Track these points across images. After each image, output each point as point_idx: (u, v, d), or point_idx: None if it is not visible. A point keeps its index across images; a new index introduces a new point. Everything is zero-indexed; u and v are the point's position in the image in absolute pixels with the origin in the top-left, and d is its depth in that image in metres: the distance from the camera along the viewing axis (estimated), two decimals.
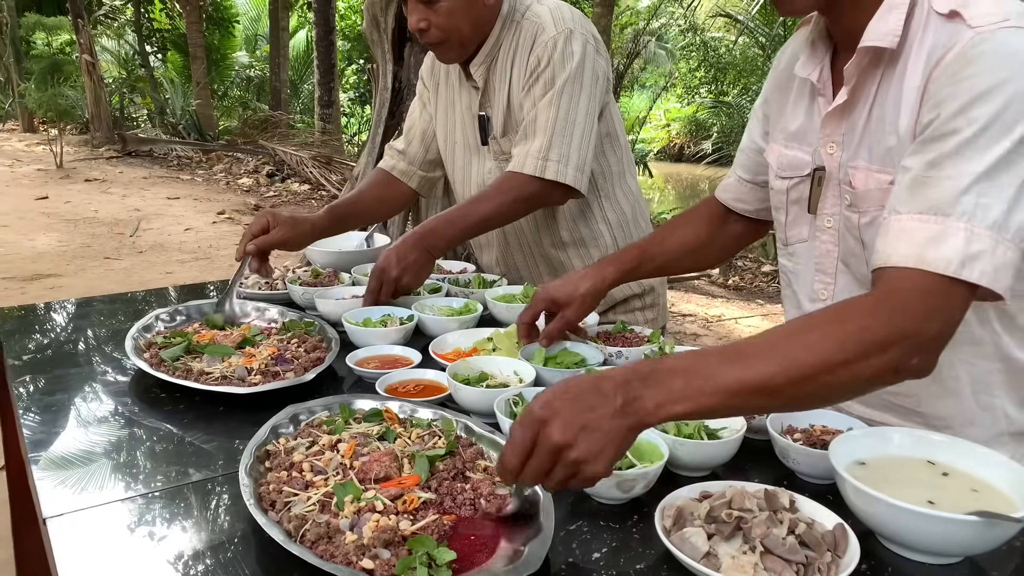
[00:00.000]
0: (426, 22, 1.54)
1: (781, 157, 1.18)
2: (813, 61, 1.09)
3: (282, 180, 9.81)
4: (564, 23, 1.57)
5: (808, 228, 1.16)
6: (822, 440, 1.04)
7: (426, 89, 1.84)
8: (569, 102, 1.54)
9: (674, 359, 0.81)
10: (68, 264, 5.69)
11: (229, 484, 1.01)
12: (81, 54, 11.90)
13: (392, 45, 4.84)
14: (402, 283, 1.52)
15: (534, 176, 1.54)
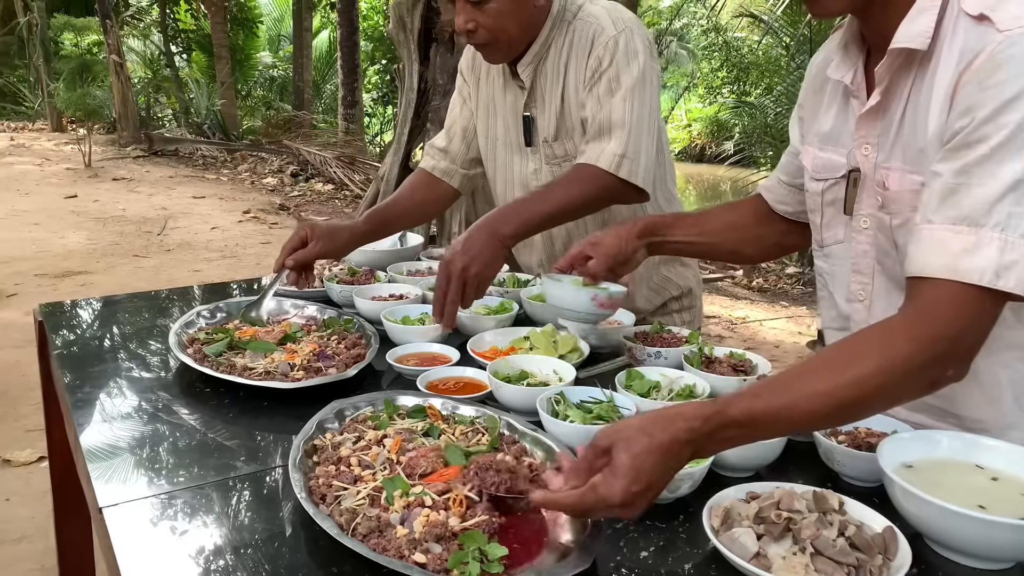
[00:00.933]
0: (474, 23, 1.53)
1: (816, 159, 1.18)
2: (846, 63, 1.10)
3: (306, 180, 9.88)
4: (624, 22, 1.56)
5: (844, 229, 1.16)
6: (867, 442, 1.04)
7: (466, 84, 1.82)
8: (640, 102, 1.53)
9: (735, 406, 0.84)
10: (98, 262, 5.77)
11: (276, 477, 1.02)
12: (109, 54, 12.05)
13: (418, 45, 4.87)
14: (471, 273, 1.39)
15: (607, 171, 1.51)
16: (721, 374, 1.24)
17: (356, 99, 11.01)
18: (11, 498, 2.69)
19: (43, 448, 2.99)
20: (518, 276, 1.77)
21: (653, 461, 0.81)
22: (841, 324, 1.20)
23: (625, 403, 1.12)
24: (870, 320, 1.13)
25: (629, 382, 1.19)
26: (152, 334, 1.56)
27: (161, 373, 1.36)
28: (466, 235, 1.42)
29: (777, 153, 8.60)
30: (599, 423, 1.07)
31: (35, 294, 4.95)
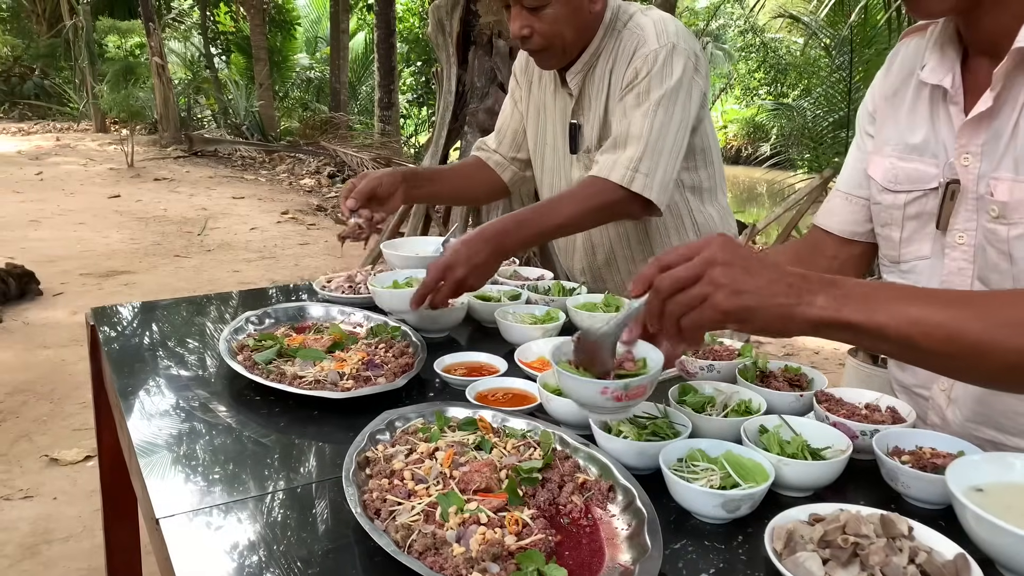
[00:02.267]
0: (529, 29, 1.52)
1: (894, 170, 1.12)
2: (943, 66, 1.04)
3: (343, 181, 9.97)
4: (668, 37, 1.54)
5: (931, 244, 1.10)
6: (932, 463, 1.00)
7: (518, 86, 1.82)
8: (664, 118, 1.51)
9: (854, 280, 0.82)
10: (140, 261, 5.87)
11: (329, 489, 1.02)
12: (152, 56, 12.28)
13: (457, 48, 4.88)
14: (466, 284, 1.43)
15: (619, 185, 1.50)
16: (777, 389, 1.21)
17: (392, 101, 11.08)
18: (58, 497, 2.74)
19: (89, 447, 3.05)
20: (563, 284, 1.75)
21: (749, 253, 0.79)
22: None
23: (679, 418, 1.10)
24: None
25: (682, 397, 1.17)
26: (201, 339, 1.58)
27: (211, 380, 1.37)
28: (472, 243, 1.41)
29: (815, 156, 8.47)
30: (653, 439, 1.05)
31: (80, 293, 5.05)
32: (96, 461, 2.95)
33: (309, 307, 1.64)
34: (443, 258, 1.39)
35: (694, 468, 0.99)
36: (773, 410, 1.14)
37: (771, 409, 1.15)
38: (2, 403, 3.47)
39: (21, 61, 17.52)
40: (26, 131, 14.52)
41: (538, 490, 0.97)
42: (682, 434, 1.06)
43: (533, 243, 1.52)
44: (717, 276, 0.80)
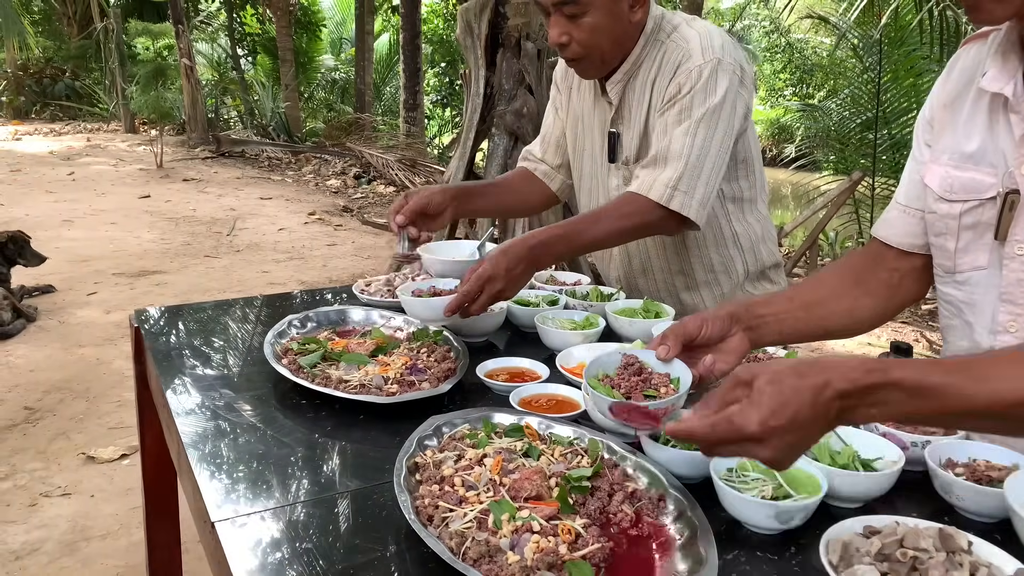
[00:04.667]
0: (567, 36, 1.52)
1: (949, 179, 1.11)
2: (1005, 74, 1.02)
3: (368, 182, 10.02)
4: (713, 52, 1.52)
5: (988, 255, 1.08)
6: (987, 476, 0.99)
7: (559, 93, 1.83)
8: (705, 135, 1.50)
9: (900, 371, 0.78)
10: (172, 261, 5.94)
11: (379, 494, 1.03)
12: (181, 58, 12.43)
13: (485, 51, 4.89)
14: (504, 296, 1.43)
15: (658, 204, 1.50)
16: None
17: (417, 102, 11.13)
18: (95, 494, 2.79)
19: (125, 445, 3.10)
20: (601, 289, 1.75)
21: (800, 401, 0.76)
22: None
23: None
24: None
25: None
26: (245, 341, 1.60)
27: (257, 382, 1.38)
28: (511, 255, 1.41)
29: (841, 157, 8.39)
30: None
31: (114, 293, 5.13)
32: (132, 459, 3.01)
33: (350, 311, 1.65)
34: (484, 268, 1.39)
35: (745, 478, 0.99)
36: None
37: None
38: (39, 401, 3.53)
39: (52, 63, 17.81)
40: (57, 132, 14.76)
41: (588, 499, 0.98)
42: None
43: (569, 257, 1.54)
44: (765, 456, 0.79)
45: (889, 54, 7.15)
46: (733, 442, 0.78)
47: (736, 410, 0.77)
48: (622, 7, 1.53)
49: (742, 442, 0.77)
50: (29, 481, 2.86)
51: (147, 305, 4.84)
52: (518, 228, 4.78)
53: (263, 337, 1.49)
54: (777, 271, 1.77)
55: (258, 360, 1.46)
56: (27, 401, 3.51)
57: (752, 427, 0.75)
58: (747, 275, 1.72)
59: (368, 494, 1.03)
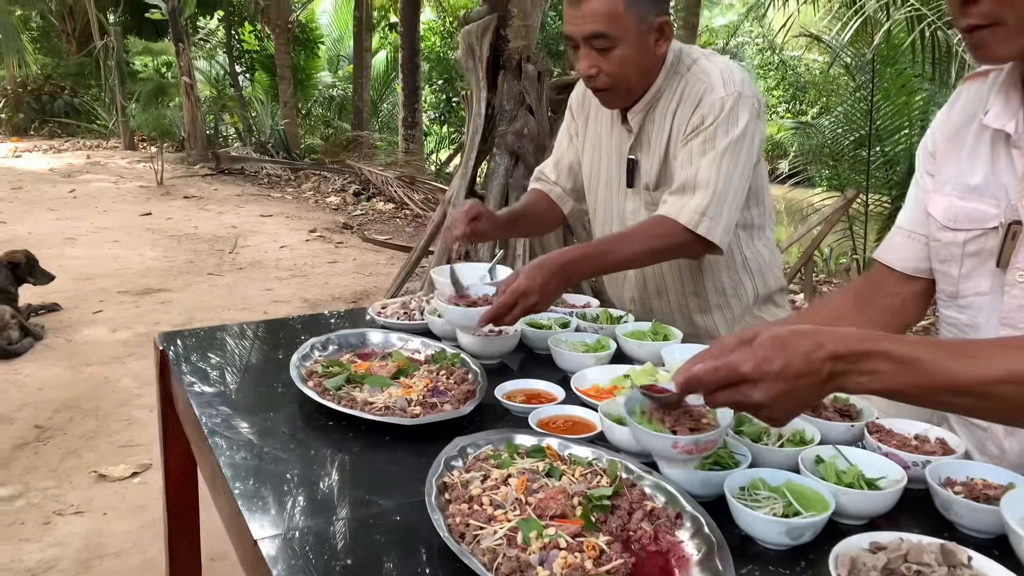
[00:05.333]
0: (596, 68, 1.60)
1: (953, 209, 1.18)
2: (1007, 112, 1.09)
3: (367, 199, 10.10)
4: (734, 86, 1.60)
5: (990, 281, 1.15)
6: (984, 494, 1.05)
7: (574, 120, 1.91)
8: (730, 165, 1.59)
9: (890, 342, 0.85)
10: (175, 279, 5.99)
11: (409, 513, 1.08)
12: (181, 76, 12.52)
13: (486, 73, 4.98)
14: (537, 309, 1.52)
15: (686, 228, 1.58)
16: (828, 419, 1.26)
17: (416, 120, 11.23)
18: (108, 512, 2.82)
19: (136, 463, 3.14)
20: (611, 312, 1.81)
21: (793, 352, 0.83)
22: None
23: (739, 448, 1.16)
24: None
25: (739, 427, 1.22)
26: (268, 363, 1.65)
27: (284, 404, 1.44)
28: (545, 271, 1.49)
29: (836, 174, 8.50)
30: (715, 468, 1.11)
31: (119, 311, 5.17)
32: (143, 477, 3.05)
33: (369, 334, 1.71)
34: (519, 282, 1.47)
35: (756, 496, 1.05)
36: (826, 440, 1.20)
37: (824, 439, 1.20)
38: (50, 420, 3.57)
39: (51, 80, 17.89)
40: (57, 149, 14.82)
41: (609, 517, 1.03)
42: (742, 463, 1.11)
43: (599, 274, 1.65)
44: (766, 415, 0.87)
45: (881, 72, 7.27)
46: (731, 384, 0.85)
47: (735, 355, 0.85)
48: (649, 41, 1.61)
49: (738, 384, 0.84)
50: (42, 499, 2.89)
51: (153, 323, 4.90)
52: (518, 247, 4.85)
53: (285, 358, 1.55)
54: (782, 295, 1.84)
55: (284, 382, 1.51)
56: (37, 420, 3.55)
57: (747, 367, 0.83)
58: (756, 299, 1.79)
59: (400, 512, 1.09)
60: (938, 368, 0.83)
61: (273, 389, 1.51)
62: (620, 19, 1.55)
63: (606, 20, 1.55)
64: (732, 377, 0.85)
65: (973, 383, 0.84)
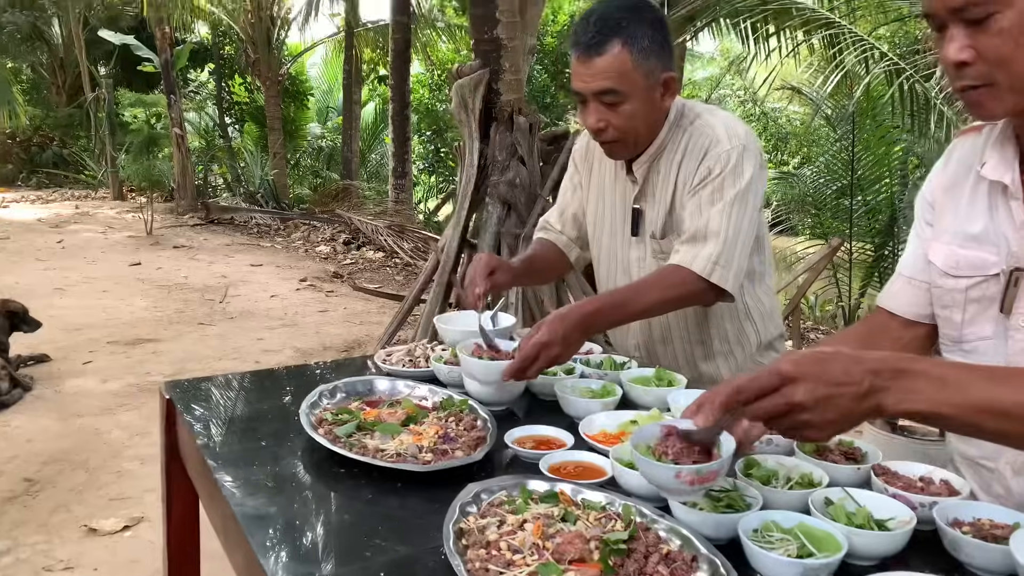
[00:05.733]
0: (605, 122, 1.65)
1: (955, 257, 1.22)
2: (1004, 164, 1.15)
3: (357, 248, 10.15)
4: (739, 139, 1.67)
5: (993, 326, 1.19)
6: (991, 534, 1.07)
7: (578, 172, 1.97)
8: (739, 215, 1.65)
9: (926, 363, 0.89)
10: (165, 329, 5.97)
11: (426, 559, 1.09)
12: (172, 127, 12.65)
13: (479, 125, 5.08)
14: (559, 361, 1.54)
15: (700, 276, 1.63)
16: (834, 462, 1.28)
17: (406, 170, 11.37)
18: (99, 567, 2.77)
19: (126, 517, 3.10)
20: (614, 358, 1.84)
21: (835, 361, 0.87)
22: None
23: (749, 491, 1.17)
24: None
25: (748, 470, 1.24)
26: (276, 412, 1.66)
27: (295, 452, 1.44)
28: (567, 322, 1.52)
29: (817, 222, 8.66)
30: (728, 511, 1.12)
31: (109, 362, 5.14)
32: (134, 531, 3.00)
33: (376, 381, 1.72)
34: (541, 334, 1.50)
35: (770, 538, 1.06)
36: (834, 483, 1.22)
37: (832, 482, 1.22)
38: (38, 472, 3.52)
39: (40, 131, 18.00)
40: (44, 199, 14.83)
41: (626, 560, 1.04)
42: (754, 506, 1.13)
43: (619, 324, 1.67)
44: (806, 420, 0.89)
45: (861, 124, 7.47)
46: (771, 388, 0.88)
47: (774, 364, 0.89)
48: (655, 95, 1.67)
49: (780, 387, 0.87)
50: (31, 555, 2.84)
51: (143, 373, 4.87)
52: (511, 294, 4.89)
53: (293, 407, 1.56)
54: (782, 341, 1.88)
55: (293, 429, 1.52)
56: (26, 472, 3.50)
57: (787, 366, 0.87)
58: (758, 345, 1.83)
59: (417, 558, 1.09)
60: (977, 388, 0.87)
61: (283, 437, 1.52)
62: (628, 76, 1.61)
63: (616, 77, 1.61)
64: (773, 380, 0.88)
65: (1005, 405, 0.87)
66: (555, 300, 4.89)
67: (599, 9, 1.64)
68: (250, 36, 14.51)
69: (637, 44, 1.60)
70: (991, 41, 1.02)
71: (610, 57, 1.60)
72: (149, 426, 4.05)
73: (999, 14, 1.00)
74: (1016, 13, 1.00)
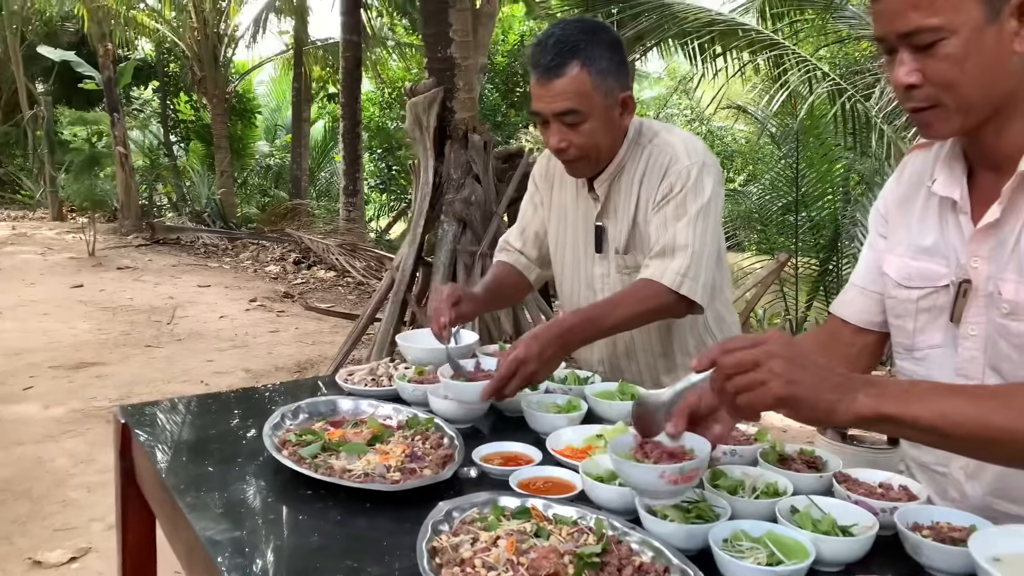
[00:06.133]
0: (566, 142, 1.68)
1: (907, 268, 1.27)
2: (952, 180, 1.20)
3: (308, 267, 10.02)
4: (698, 155, 1.72)
5: (943, 335, 1.24)
6: (950, 536, 1.11)
7: (538, 191, 1.99)
8: (703, 228, 1.69)
9: (898, 380, 0.97)
10: (111, 352, 5.80)
11: None
12: (116, 146, 12.35)
13: (433, 142, 5.09)
14: (537, 377, 1.55)
15: (671, 289, 1.66)
16: (796, 471, 1.31)
17: (357, 188, 11.28)
18: None
19: (73, 548, 2.99)
20: (577, 373, 1.85)
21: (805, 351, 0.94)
22: None
23: (718, 501, 1.19)
24: None
25: (715, 481, 1.26)
26: (237, 434, 1.63)
27: (259, 475, 1.42)
28: (543, 340, 1.54)
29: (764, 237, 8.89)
30: (698, 522, 1.14)
31: (51, 387, 4.97)
32: (82, 562, 2.90)
33: (339, 401, 1.70)
34: (518, 352, 1.51)
35: (740, 547, 1.08)
36: (798, 491, 1.24)
37: (796, 490, 1.25)
38: None
39: None
40: None
41: (599, 574, 1.05)
42: (723, 516, 1.15)
43: (594, 340, 1.67)
44: (775, 366, 0.94)
45: (805, 142, 7.72)
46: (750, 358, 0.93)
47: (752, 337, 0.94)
48: (614, 114, 1.71)
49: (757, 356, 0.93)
50: None
51: (88, 398, 4.72)
52: None
53: (254, 428, 1.53)
54: None
55: (256, 451, 1.49)
56: None
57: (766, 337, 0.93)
58: None
59: None
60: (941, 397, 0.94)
61: (246, 459, 1.49)
62: (587, 96, 1.65)
63: (575, 97, 1.64)
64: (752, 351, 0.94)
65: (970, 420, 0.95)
66: (511, 318, 4.90)
67: (557, 32, 1.67)
68: (196, 53, 14.29)
69: (595, 65, 1.64)
70: (938, 65, 1.08)
71: (569, 79, 1.64)
72: (95, 453, 3.92)
73: (945, 40, 1.06)
74: (961, 40, 1.06)
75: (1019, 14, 1.05)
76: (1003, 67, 1.08)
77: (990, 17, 1.05)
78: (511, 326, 4.96)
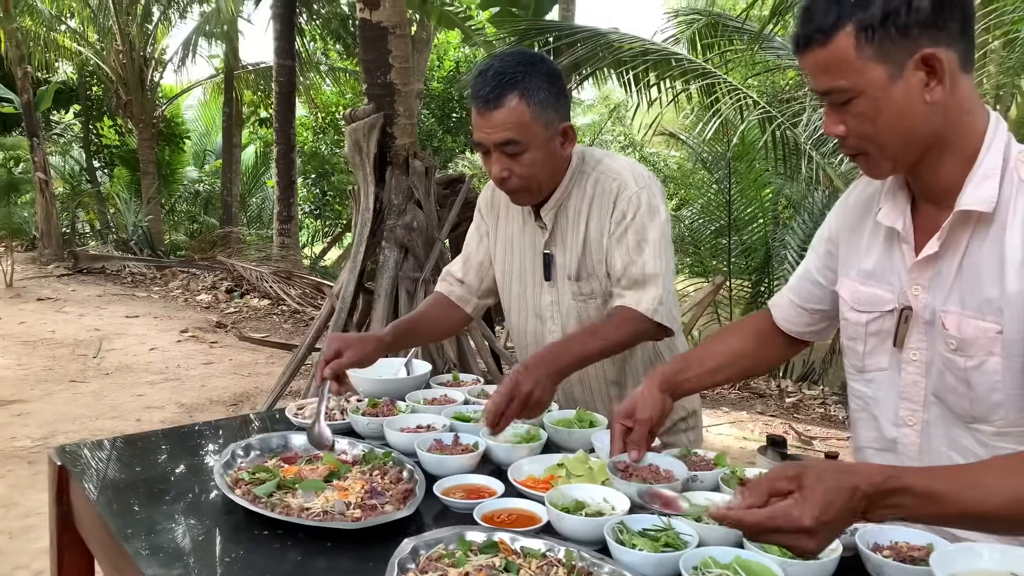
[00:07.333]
0: (508, 171, 1.69)
1: (857, 292, 1.32)
2: (896, 211, 1.25)
3: (241, 296, 9.77)
4: (644, 179, 1.76)
5: (888, 359, 1.29)
6: (910, 556, 1.14)
7: (484, 221, 1.98)
8: (666, 252, 1.73)
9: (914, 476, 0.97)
10: (32, 389, 5.52)
11: None
12: (35, 172, 11.86)
13: (374, 168, 5.04)
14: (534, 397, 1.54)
15: (647, 317, 1.69)
16: None
17: (292, 214, 11.08)
18: None
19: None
20: None
21: (843, 499, 0.93)
22: (884, 446, 1.32)
23: (684, 528, 1.20)
24: (922, 445, 1.25)
25: None
26: (185, 473, 1.56)
27: (211, 515, 1.36)
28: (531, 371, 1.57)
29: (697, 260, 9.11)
30: (668, 550, 1.14)
31: None
32: None
33: (291, 437, 1.65)
34: (508, 381, 1.54)
35: (709, 574, 1.09)
36: None
37: None
38: None
39: None
40: None
41: None
42: (691, 543, 1.15)
43: (583, 365, 1.68)
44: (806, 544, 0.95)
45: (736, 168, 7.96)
46: (787, 532, 0.93)
47: (792, 504, 0.93)
48: (555, 144, 1.72)
49: (796, 533, 0.92)
50: None
51: (8, 438, 4.46)
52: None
53: (202, 465, 1.47)
54: None
55: (206, 490, 1.43)
56: None
57: (807, 520, 0.92)
58: None
59: None
60: (952, 500, 0.96)
61: (196, 499, 1.43)
62: (527, 127, 1.67)
63: (515, 128, 1.66)
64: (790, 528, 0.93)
65: (980, 513, 0.97)
66: (455, 344, 4.87)
67: (496, 64, 1.69)
68: (121, 77, 13.89)
69: (534, 96, 1.66)
70: (854, 121, 1.16)
71: (508, 110, 1.65)
72: (16, 496, 3.71)
73: (856, 99, 1.14)
74: (870, 99, 1.13)
75: (924, 67, 1.11)
76: (916, 117, 1.14)
77: (894, 74, 1.11)
78: (454, 351, 4.93)
